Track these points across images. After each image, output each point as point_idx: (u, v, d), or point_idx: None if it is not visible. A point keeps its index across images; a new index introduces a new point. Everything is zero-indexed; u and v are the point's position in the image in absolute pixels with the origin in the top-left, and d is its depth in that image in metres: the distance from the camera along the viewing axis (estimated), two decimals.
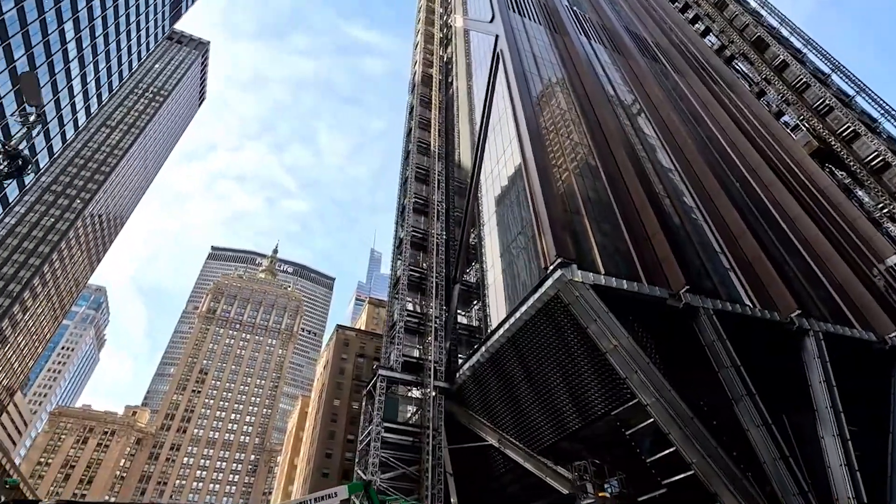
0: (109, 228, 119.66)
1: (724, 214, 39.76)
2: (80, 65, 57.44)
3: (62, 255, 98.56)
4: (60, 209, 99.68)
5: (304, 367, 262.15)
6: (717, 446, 23.94)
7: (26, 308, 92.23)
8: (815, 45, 68.15)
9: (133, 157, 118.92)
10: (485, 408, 35.67)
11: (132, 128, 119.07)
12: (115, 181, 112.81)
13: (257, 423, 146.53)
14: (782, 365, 29.82)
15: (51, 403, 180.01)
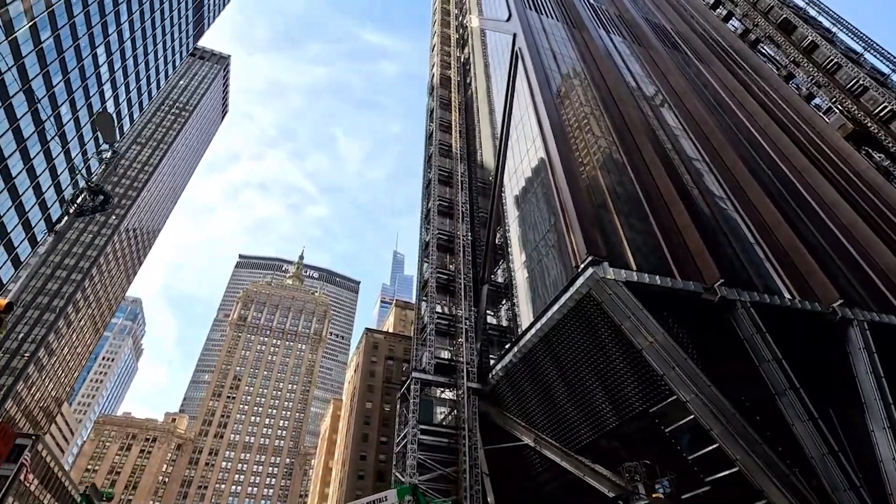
0: (143, 242, 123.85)
1: (756, 204, 38.81)
2: (113, 87, 59.75)
3: (101, 270, 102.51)
4: (98, 225, 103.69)
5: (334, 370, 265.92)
6: (762, 442, 23.47)
7: (70, 322, 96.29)
8: (846, 24, 65.88)
9: (163, 171, 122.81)
10: (519, 407, 35.69)
11: (161, 143, 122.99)
12: (148, 196, 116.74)
13: (291, 426, 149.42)
14: (825, 356, 29.00)
15: (94, 412, 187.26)
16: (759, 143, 48.91)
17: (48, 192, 51.39)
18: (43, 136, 47.89)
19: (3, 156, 43.05)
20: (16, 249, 48.04)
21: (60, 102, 49.57)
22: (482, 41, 73.85)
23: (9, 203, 45.52)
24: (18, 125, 44.08)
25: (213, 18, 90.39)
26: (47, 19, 44.45)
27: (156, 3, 64.43)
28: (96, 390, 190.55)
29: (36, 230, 50.85)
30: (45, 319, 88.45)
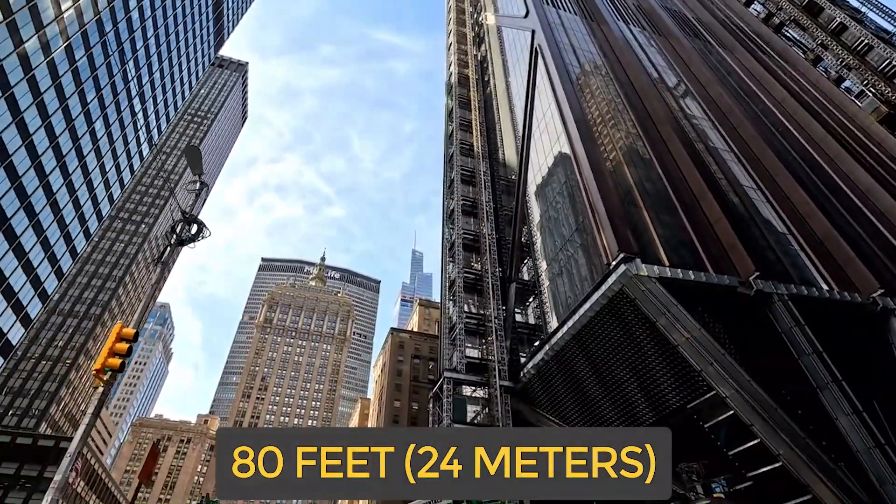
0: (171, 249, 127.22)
1: (788, 193, 38.12)
2: (142, 101, 61.60)
3: (133, 278, 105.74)
4: (128, 234, 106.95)
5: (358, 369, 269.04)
6: (805, 437, 23.29)
7: (106, 329, 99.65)
8: (875, 2, 63.84)
9: (188, 179, 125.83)
10: (552, 405, 35.91)
11: None
12: (174, 204, 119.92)
13: (319, 426, 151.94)
14: (867, 348, 28.48)
15: (129, 415, 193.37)
16: (788, 130, 47.88)
17: (86, 206, 53.35)
18: (80, 151, 49.73)
19: (45, 172, 44.93)
20: (59, 261, 50.08)
21: (94, 118, 51.35)
22: (499, 38, 73.73)
23: (51, 217, 47.47)
24: (58, 142, 45.91)
25: (233, 28, 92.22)
26: (80, 39, 46.10)
27: (179, 16, 66.08)
28: (130, 394, 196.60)
29: (76, 242, 52.85)
30: (83, 327, 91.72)
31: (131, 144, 61.34)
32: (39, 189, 44.43)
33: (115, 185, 59.21)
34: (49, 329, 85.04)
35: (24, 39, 38.73)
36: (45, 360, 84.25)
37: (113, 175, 58.13)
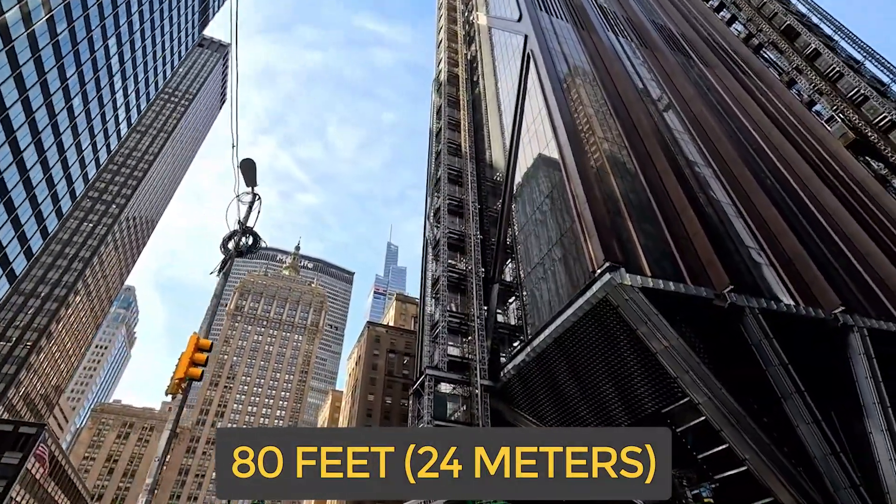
0: (143, 230, 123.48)
1: (761, 211, 40.07)
2: (122, 78, 59.63)
3: (101, 259, 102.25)
4: (98, 214, 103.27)
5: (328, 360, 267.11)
6: (769, 443, 24.87)
7: (70, 311, 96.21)
8: (847, 32, 67.24)
9: (163, 160, 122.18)
10: (530, 405, 36.94)
11: (161, 132, 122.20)
12: (148, 184, 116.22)
13: (287, 417, 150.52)
14: (828, 361, 30.38)
15: (88, 400, 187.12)
16: (763, 150, 50.11)
17: (60, 185, 51.54)
18: (56, 128, 47.95)
19: (20, 148, 43.19)
20: (29, 241, 48.27)
21: (73, 94, 49.56)
22: (490, 38, 74.27)
23: (23, 195, 45.71)
24: (34, 117, 44.16)
25: (218, 7, 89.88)
26: (63, 11, 44.38)
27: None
28: (90, 378, 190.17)
29: (48, 222, 51.03)
30: (46, 308, 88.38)
31: (109, 123, 59.32)
32: (13, 166, 42.69)
33: (90, 164, 57.22)
34: (9, 309, 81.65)
35: (5, 10, 37.10)
36: (4, 342, 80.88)
37: (89, 154, 56.16)
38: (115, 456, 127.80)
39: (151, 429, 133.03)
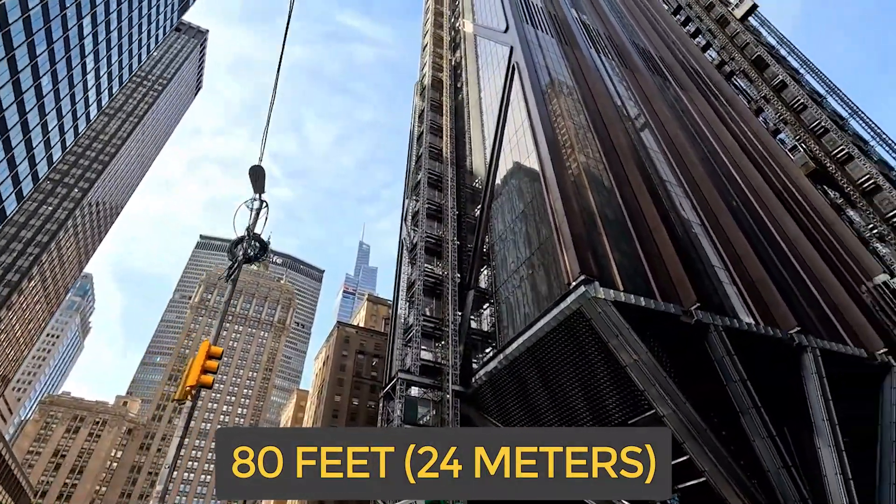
0: (106, 217, 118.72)
1: (728, 233, 41.90)
2: (95, 59, 57.45)
3: (59, 244, 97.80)
4: (58, 198, 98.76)
5: (293, 358, 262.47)
6: (727, 456, 26.02)
7: (24, 297, 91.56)
8: (812, 66, 70.96)
9: (132, 145, 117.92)
10: (500, 412, 37.43)
11: (131, 116, 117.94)
12: (114, 169, 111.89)
13: (249, 415, 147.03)
14: (783, 379, 32.03)
15: (35, 391, 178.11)
16: (731, 174, 52.35)
17: (22, 166, 49.21)
18: (22, 106, 45.84)
19: None
20: None
21: (42, 73, 47.51)
22: (475, 47, 75.02)
23: None
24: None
25: None
26: None
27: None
28: (38, 368, 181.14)
29: (6, 203, 48.64)
30: None
31: (79, 104, 56.99)
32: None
33: (56, 147, 54.83)
34: None
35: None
36: None
37: (55, 135, 53.80)
38: (62, 451, 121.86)
39: (104, 423, 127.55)
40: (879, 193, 50.58)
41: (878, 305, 43.80)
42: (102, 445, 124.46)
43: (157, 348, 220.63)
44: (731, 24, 77.73)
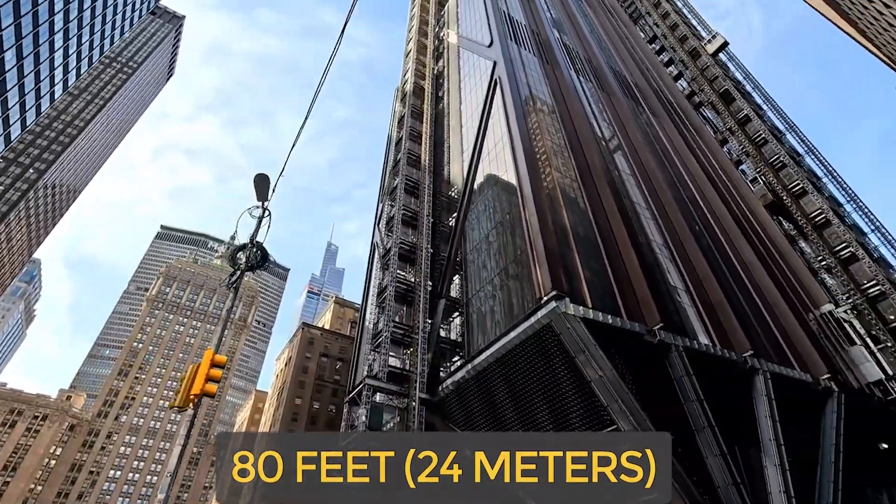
0: (62, 200, 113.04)
1: (691, 257, 43.80)
2: (65, 37, 55.01)
3: (9, 226, 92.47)
4: (11, 178, 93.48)
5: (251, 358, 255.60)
6: (682, 472, 27.08)
7: None
8: (774, 104, 75.14)
9: (95, 128, 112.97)
10: (465, 421, 37.67)
11: (97, 98, 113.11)
12: (74, 152, 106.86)
13: (202, 414, 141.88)
14: (736, 400, 33.60)
15: None
16: (696, 200, 54.71)
17: None
18: None
19: None
20: None
21: (6, 47, 45.22)
22: (458, 57, 75.94)
23: None
24: None
25: None
26: None
27: None
28: None
29: None
30: None
31: (43, 82, 54.35)
32: None
33: (14, 125, 52.04)
34: None
35: None
36: None
37: (15, 112, 51.10)
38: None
39: (44, 418, 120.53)
40: (829, 228, 53.88)
41: (822, 333, 46.58)
42: (41, 441, 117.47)
43: (106, 341, 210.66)
44: (703, 56, 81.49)
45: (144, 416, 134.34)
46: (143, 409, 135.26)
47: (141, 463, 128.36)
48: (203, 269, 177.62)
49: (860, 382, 43.66)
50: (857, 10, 53.14)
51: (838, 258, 51.47)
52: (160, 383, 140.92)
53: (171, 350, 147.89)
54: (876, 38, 63.23)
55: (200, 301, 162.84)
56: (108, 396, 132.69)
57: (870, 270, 48.78)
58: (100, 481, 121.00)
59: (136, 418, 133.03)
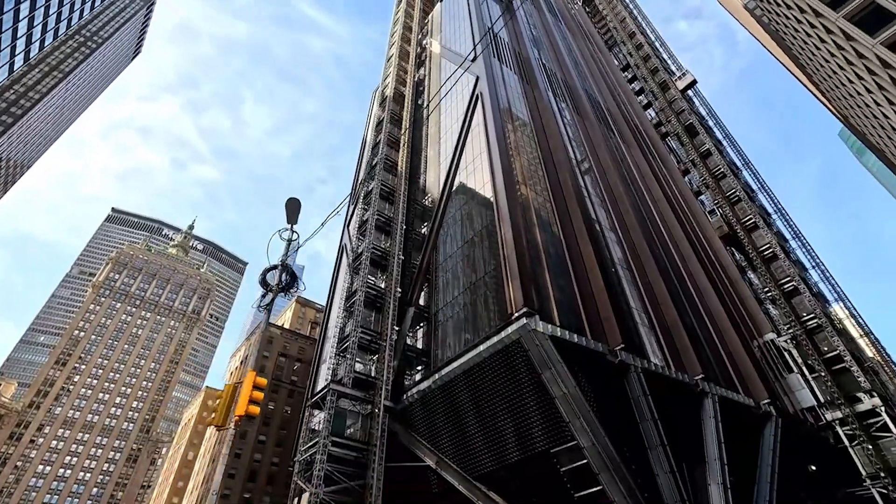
0: (9, 175, 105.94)
1: (652, 281, 45.98)
2: (32, 6, 52.21)
3: None
4: None
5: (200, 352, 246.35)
6: (635, 488, 28.47)
7: None
8: (733, 140, 79.85)
9: (52, 101, 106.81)
10: (428, 430, 38.06)
11: (55, 70, 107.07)
12: (27, 125, 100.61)
13: (145, 409, 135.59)
14: (686, 420, 35.57)
15: None
16: (658, 226, 57.45)
17: None
18: None
19: None
20: None
21: None
22: (440, 67, 76.82)
23: None
24: None
25: None
26: None
27: None
28: None
29: None
30: None
31: (3, 52, 51.26)
32: None
33: None
34: None
35: None
36: None
37: None
38: None
39: None
40: (776, 262, 57.75)
41: (764, 359, 49.87)
42: None
43: (43, 326, 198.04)
44: (671, 90, 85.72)
45: (81, 409, 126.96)
46: (80, 400, 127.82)
47: (74, 458, 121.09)
48: (157, 257, 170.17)
49: (795, 408, 47.03)
50: (807, 54, 57.62)
51: (782, 291, 55.21)
52: (101, 374, 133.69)
53: (116, 340, 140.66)
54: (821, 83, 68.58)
55: (152, 290, 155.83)
56: (42, 386, 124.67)
57: (809, 304, 52.59)
58: (26, 476, 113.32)
59: (72, 411, 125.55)
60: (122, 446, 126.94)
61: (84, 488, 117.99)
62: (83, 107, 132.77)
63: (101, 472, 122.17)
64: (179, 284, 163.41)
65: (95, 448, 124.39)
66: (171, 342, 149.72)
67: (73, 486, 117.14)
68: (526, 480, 32.91)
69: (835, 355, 48.12)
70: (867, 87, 42.43)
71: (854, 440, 43.58)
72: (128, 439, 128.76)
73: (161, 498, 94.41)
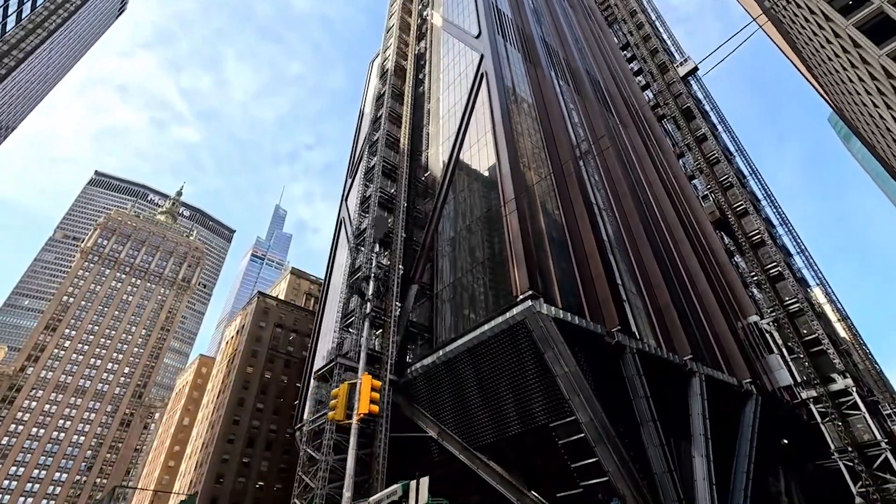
0: None
1: (646, 264, 47.73)
2: None
3: None
4: None
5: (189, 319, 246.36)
6: (628, 460, 30.71)
7: None
8: (728, 126, 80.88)
9: (37, 60, 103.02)
10: (431, 403, 39.95)
11: (39, 28, 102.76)
12: (11, 85, 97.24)
13: (137, 375, 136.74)
14: (675, 397, 37.91)
15: None
16: (653, 208, 58.91)
17: None
18: None
19: None
20: None
21: None
22: (441, 41, 75.80)
23: None
24: None
25: None
26: None
27: None
28: None
29: None
30: None
31: None
32: None
33: None
34: None
35: None
36: None
37: None
38: None
39: None
40: (763, 248, 59.88)
41: (747, 340, 52.50)
42: None
43: (27, 290, 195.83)
44: (671, 72, 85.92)
45: (73, 374, 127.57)
46: (72, 365, 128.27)
47: (67, 422, 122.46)
48: (146, 224, 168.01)
49: (773, 386, 49.94)
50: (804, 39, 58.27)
51: (768, 275, 57.54)
52: (92, 340, 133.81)
53: (106, 307, 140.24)
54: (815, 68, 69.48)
55: (141, 257, 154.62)
56: (33, 351, 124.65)
57: (792, 289, 55.05)
58: (20, 440, 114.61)
59: (64, 375, 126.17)
60: (114, 411, 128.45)
61: (79, 451, 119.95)
62: (68, 66, 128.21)
63: (94, 435, 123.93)
64: (169, 252, 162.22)
65: (88, 412, 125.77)
66: (161, 310, 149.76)
67: (68, 448, 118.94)
68: (524, 451, 35.08)
69: (813, 338, 50.83)
70: (867, 90, 43.58)
71: (825, 417, 46.69)
72: (120, 404, 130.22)
73: (157, 461, 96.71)
